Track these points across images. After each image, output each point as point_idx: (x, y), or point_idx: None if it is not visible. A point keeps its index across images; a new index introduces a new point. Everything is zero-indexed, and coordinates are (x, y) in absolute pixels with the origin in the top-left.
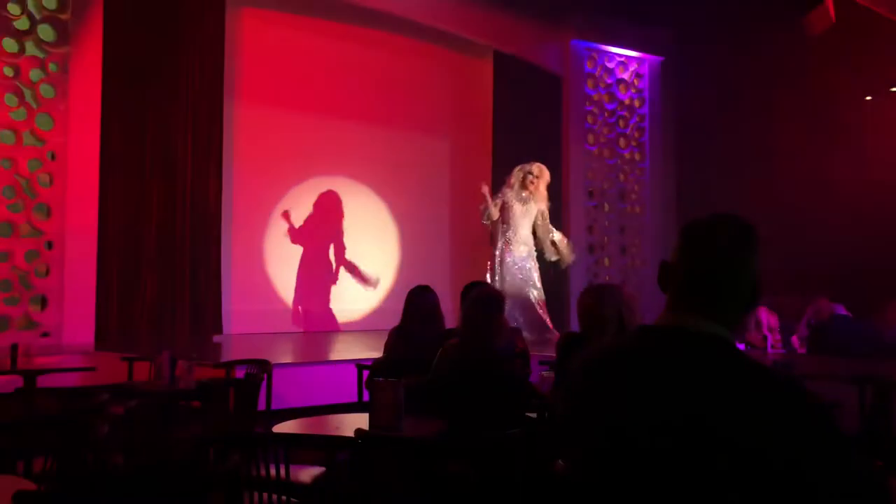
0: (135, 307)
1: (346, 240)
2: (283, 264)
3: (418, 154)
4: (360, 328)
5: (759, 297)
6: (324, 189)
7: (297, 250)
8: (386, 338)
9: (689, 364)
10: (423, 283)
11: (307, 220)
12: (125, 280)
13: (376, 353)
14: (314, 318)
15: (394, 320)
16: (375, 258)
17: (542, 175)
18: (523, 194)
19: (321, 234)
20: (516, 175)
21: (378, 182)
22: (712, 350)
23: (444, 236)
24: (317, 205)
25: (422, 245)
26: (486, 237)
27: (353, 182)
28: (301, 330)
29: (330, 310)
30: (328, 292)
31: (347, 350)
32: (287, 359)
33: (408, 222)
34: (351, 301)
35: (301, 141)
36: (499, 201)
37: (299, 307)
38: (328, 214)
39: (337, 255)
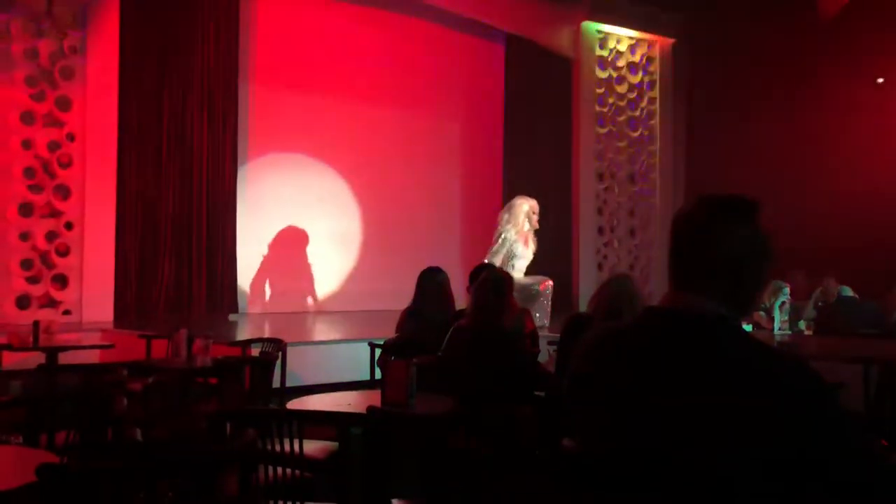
0: (152, 286)
1: (359, 221)
2: (296, 245)
3: (430, 136)
4: (373, 308)
5: (759, 273)
6: (335, 170)
7: (311, 231)
8: (398, 318)
9: (689, 343)
10: (434, 264)
11: (319, 202)
12: (143, 259)
13: (388, 333)
14: (328, 298)
15: (405, 301)
16: (388, 239)
17: (537, 210)
18: (526, 232)
19: (333, 216)
20: (521, 212)
21: (389, 164)
22: (711, 329)
23: (454, 218)
24: (329, 186)
25: (433, 227)
26: (495, 218)
27: (364, 164)
28: (315, 310)
29: (343, 290)
30: (341, 273)
31: (360, 329)
32: (301, 338)
33: (419, 204)
34: (363, 282)
35: (313, 122)
36: (506, 239)
37: (314, 287)
38: (341, 195)
39: (349, 236)
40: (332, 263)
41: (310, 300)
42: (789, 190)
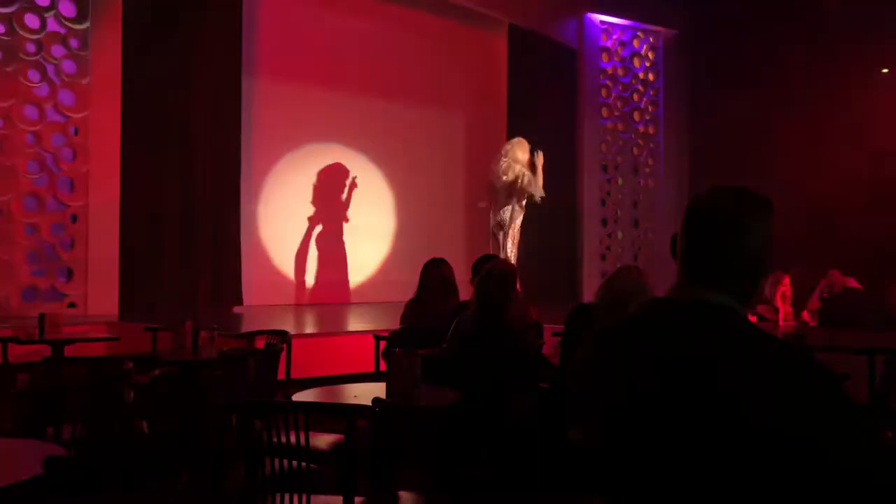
0: (157, 278)
1: (362, 213)
2: (301, 237)
3: (432, 128)
4: (376, 300)
5: (769, 268)
6: (338, 162)
7: (315, 224)
8: (402, 309)
9: (697, 335)
10: (438, 255)
11: (323, 193)
12: (148, 252)
13: (393, 325)
14: (332, 291)
15: (409, 292)
16: (390, 231)
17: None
18: (529, 169)
19: (338, 208)
20: (524, 150)
21: (392, 156)
22: (720, 321)
23: (457, 209)
24: (332, 178)
25: (436, 218)
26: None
27: (367, 155)
28: (319, 302)
29: (347, 282)
30: (345, 265)
31: (365, 321)
32: (306, 330)
33: (422, 196)
34: (367, 274)
35: (315, 114)
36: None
37: (318, 279)
38: (344, 188)
39: (352, 228)
40: (336, 255)
41: (314, 292)
42: (793, 179)
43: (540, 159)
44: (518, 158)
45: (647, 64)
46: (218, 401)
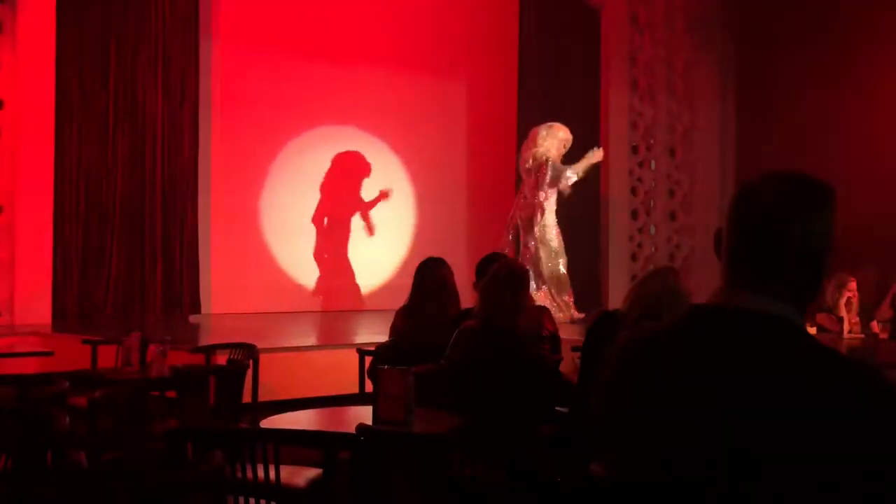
0: (98, 281)
1: (348, 203)
2: (272, 232)
3: (430, 99)
4: (363, 307)
5: (828, 270)
6: (319, 143)
7: (290, 216)
8: (392, 319)
9: (747, 349)
10: (435, 254)
11: (302, 180)
12: (87, 250)
13: (381, 337)
14: (309, 296)
15: (401, 298)
16: (380, 224)
17: (569, 146)
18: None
19: (310, 197)
20: (560, 139)
21: (383, 133)
22: (775, 333)
23: (460, 198)
24: (312, 161)
25: (434, 209)
26: (510, 199)
27: (353, 134)
28: (293, 309)
29: (328, 286)
30: (326, 265)
31: (348, 333)
32: (276, 343)
33: (417, 181)
34: (352, 276)
35: (292, 86)
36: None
37: (292, 282)
38: (325, 173)
39: (336, 221)
40: (311, 253)
41: (287, 298)
42: (861, 164)
43: (596, 156)
44: (539, 143)
45: (687, 24)
46: (170, 428)
